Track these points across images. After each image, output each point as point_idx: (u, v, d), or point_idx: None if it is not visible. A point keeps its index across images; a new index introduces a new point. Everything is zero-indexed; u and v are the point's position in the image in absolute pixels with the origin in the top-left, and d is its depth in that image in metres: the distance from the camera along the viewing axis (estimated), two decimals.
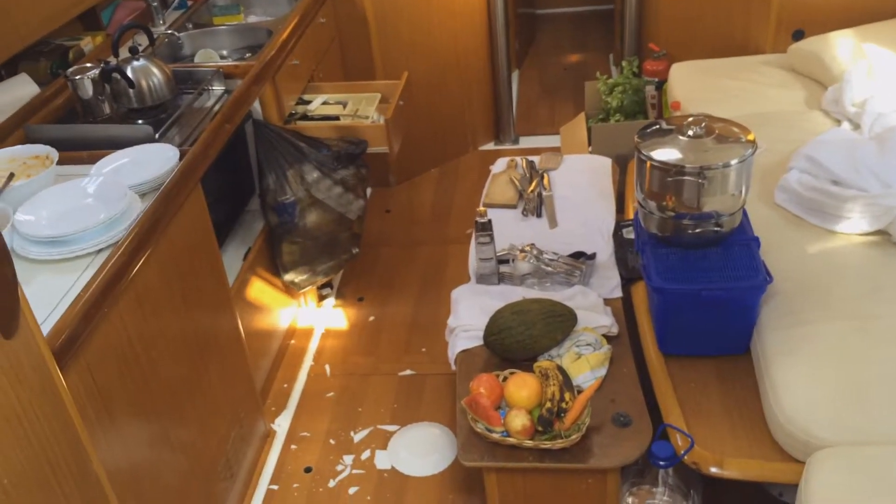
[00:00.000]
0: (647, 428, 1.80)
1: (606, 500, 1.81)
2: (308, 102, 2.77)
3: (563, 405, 1.76)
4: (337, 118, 2.67)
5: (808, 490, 1.52)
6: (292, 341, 2.74)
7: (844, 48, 2.71)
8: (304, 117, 2.69)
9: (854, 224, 2.02)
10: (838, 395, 1.66)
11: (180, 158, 1.88)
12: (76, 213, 1.66)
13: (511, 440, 1.76)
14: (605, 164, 2.73)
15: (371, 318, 2.83)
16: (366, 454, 2.30)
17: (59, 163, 1.84)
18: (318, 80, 2.90)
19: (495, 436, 1.77)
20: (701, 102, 2.71)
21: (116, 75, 2.10)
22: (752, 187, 1.96)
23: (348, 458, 2.30)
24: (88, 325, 1.44)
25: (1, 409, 1.14)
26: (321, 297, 2.92)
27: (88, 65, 2.13)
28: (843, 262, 1.98)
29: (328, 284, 2.96)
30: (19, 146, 1.92)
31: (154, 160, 1.87)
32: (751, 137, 1.86)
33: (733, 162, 1.79)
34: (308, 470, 2.28)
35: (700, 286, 1.82)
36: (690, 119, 1.88)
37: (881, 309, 1.82)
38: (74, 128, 2.03)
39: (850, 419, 1.62)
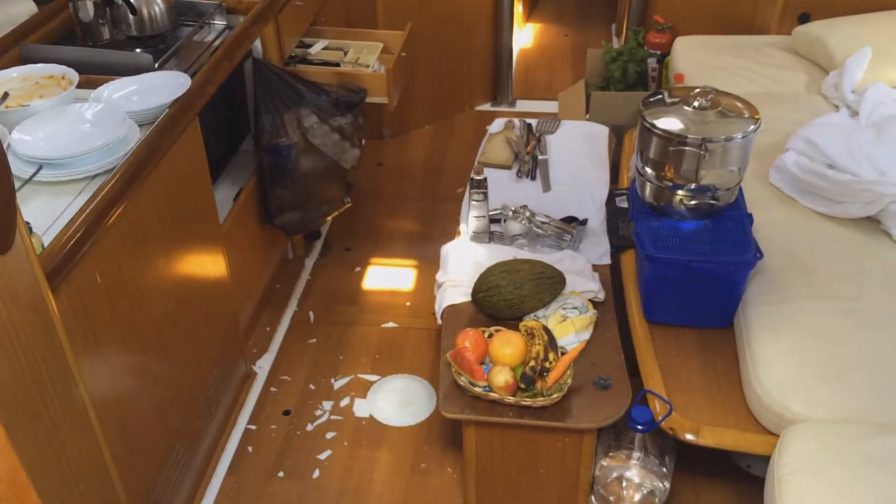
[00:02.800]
0: (627, 392, 1.82)
1: (581, 461, 1.84)
2: (309, 46, 2.73)
3: (547, 364, 1.78)
4: (337, 64, 2.64)
5: (780, 462, 1.56)
6: (278, 285, 2.74)
7: (848, 34, 2.71)
8: (304, 61, 2.65)
9: (845, 208, 2.04)
10: (816, 372, 1.70)
11: None
12: (74, 137, 1.63)
13: (493, 395, 1.78)
14: (602, 132, 2.72)
15: (357, 269, 2.83)
16: (345, 401, 2.32)
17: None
18: (320, 24, 2.86)
19: (478, 390, 1.79)
20: (703, 77, 2.70)
21: (119, 0, 2.06)
22: (748, 165, 1.98)
23: (327, 405, 2.31)
24: (80, 249, 1.43)
25: None
26: (308, 244, 2.91)
27: None
28: (831, 245, 2.01)
29: (316, 232, 2.95)
30: (35, 65, 1.88)
31: (161, 88, 1.84)
32: (755, 115, 1.86)
33: (736, 136, 1.80)
34: (287, 413, 2.29)
35: (691, 257, 1.85)
36: (697, 90, 1.88)
37: (864, 292, 1.86)
38: (73, 50, 1.99)
39: (826, 396, 1.66)
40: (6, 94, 1.73)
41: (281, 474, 2.12)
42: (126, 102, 1.82)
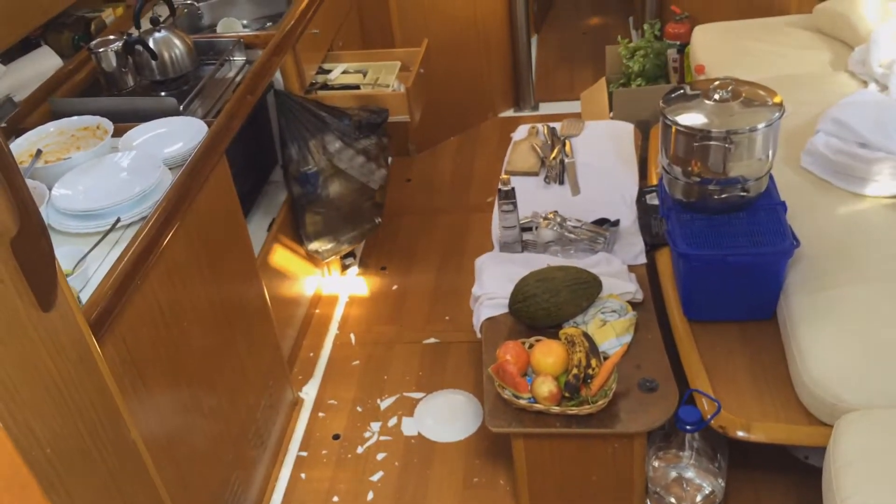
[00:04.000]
0: (674, 393, 1.81)
1: (633, 465, 1.83)
2: (328, 72, 2.76)
3: (590, 371, 1.78)
4: (357, 87, 2.66)
5: (836, 452, 1.53)
6: (317, 310, 2.76)
7: (871, 7, 2.66)
8: (325, 87, 2.68)
9: (882, 186, 2.00)
10: (865, 358, 1.67)
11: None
12: (112, 187, 1.68)
13: (538, 406, 1.77)
14: (627, 129, 2.71)
15: (394, 287, 2.85)
16: (392, 421, 2.33)
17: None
18: (337, 49, 2.89)
19: (522, 402, 1.79)
20: (725, 65, 2.67)
21: (139, 47, 2.11)
22: (778, 151, 1.95)
23: (375, 426, 2.33)
24: (122, 297, 1.47)
25: (41, 380, 1.17)
26: (344, 267, 2.94)
27: (111, 37, 2.14)
28: (870, 226, 1.97)
29: (351, 254, 2.98)
30: (70, 118, 1.94)
31: (181, 133, 1.88)
32: (778, 100, 1.84)
33: (760, 126, 1.77)
34: (336, 437, 2.31)
35: (726, 251, 1.82)
36: (717, 82, 1.86)
37: None
38: (100, 101, 2.04)
39: (878, 382, 1.63)
40: (39, 152, 1.78)
41: (336, 499, 2.14)
42: (157, 148, 1.86)
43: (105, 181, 1.71)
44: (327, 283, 2.87)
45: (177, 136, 1.88)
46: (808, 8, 2.99)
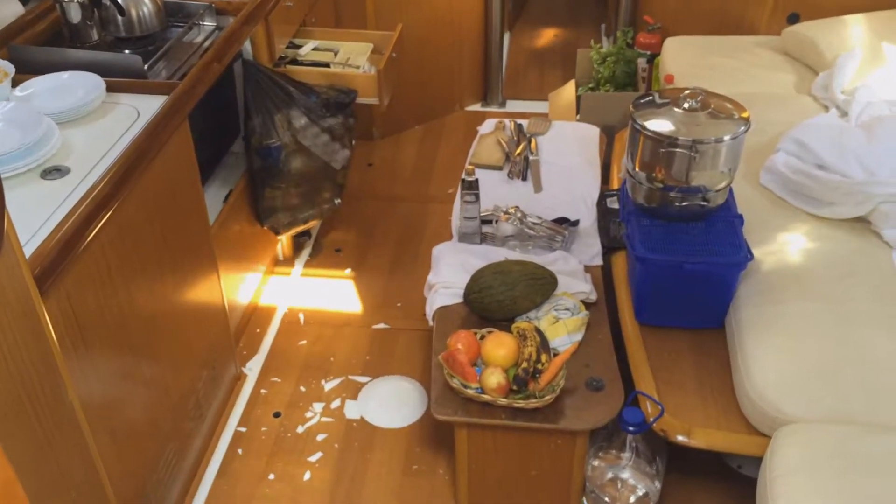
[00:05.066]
0: (619, 394, 1.82)
1: (574, 462, 1.85)
2: (299, 47, 2.72)
3: (539, 366, 1.78)
4: (327, 65, 2.63)
5: (773, 463, 1.57)
6: (268, 287, 2.72)
7: (839, 35, 2.72)
8: (294, 62, 2.64)
9: (836, 209, 2.05)
10: (808, 374, 1.71)
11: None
12: None
13: (485, 397, 1.77)
14: (593, 132, 2.73)
15: (347, 270, 2.82)
16: (336, 403, 2.31)
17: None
18: (310, 25, 2.85)
19: (470, 392, 1.79)
20: (693, 78, 2.71)
21: (107, 1, 2.04)
22: (738, 166, 1.98)
23: (318, 406, 2.30)
24: (70, 252, 1.42)
25: None
26: (299, 246, 2.90)
27: None
28: (821, 246, 2.01)
29: (307, 233, 2.94)
30: None
31: (75, 89, 1.81)
32: (745, 115, 1.87)
33: (726, 138, 1.80)
34: (277, 415, 2.28)
35: (682, 258, 1.85)
36: (687, 92, 1.88)
37: (855, 293, 1.86)
38: (62, 51, 1.97)
39: (818, 397, 1.67)
40: None
41: (271, 477, 2.11)
42: (48, 102, 1.78)
43: None
44: (280, 260, 2.83)
45: (72, 91, 1.80)
46: (776, 30, 3.05)
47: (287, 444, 2.20)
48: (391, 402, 2.31)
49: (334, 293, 2.72)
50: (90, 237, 1.48)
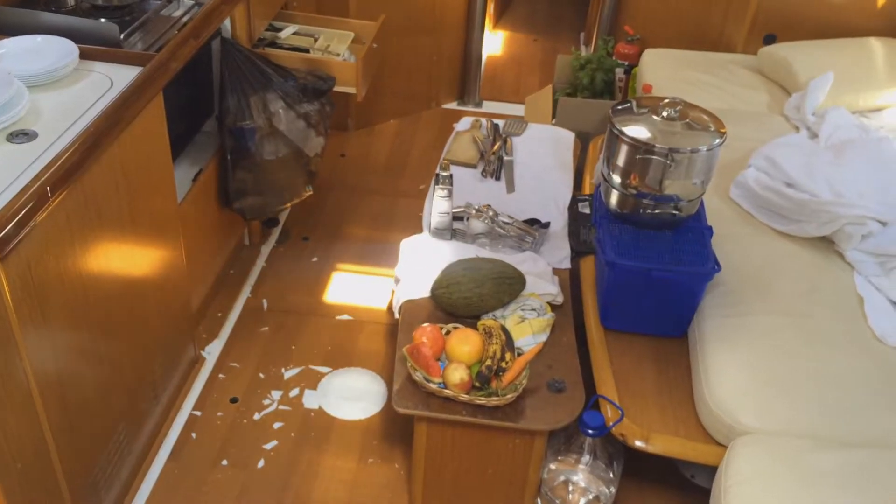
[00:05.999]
0: (580, 397, 1.83)
1: (531, 463, 1.85)
2: (279, 30, 2.69)
3: (503, 364, 1.78)
4: (307, 51, 2.60)
5: (728, 472, 1.58)
6: (232, 271, 2.69)
7: (813, 58, 2.77)
8: (273, 44, 2.61)
9: (802, 227, 2.08)
10: (766, 385, 1.73)
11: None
12: None
13: (447, 392, 1.77)
14: (568, 137, 2.73)
15: (314, 259, 2.79)
16: (294, 392, 2.29)
17: None
18: (291, 9, 2.82)
19: (432, 386, 1.78)
20: (669, 90, 2.73)
21: None
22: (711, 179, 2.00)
23: (276, 394, 2.28)
24: (32, 217, 1.38)
25: None
26: (266, 232, 2.87)
27: None
28: (785, 262, 2.05)
29: (275, 219, 2.91)
30: None
31: (48, 53, 1.76)
32: (722, 129, 1.89)
33: (702, 148, 1.82)
34: (234, 400, 2.25)
35: (651, 265, 1.86)
36: (666, 101, 1.90)
37: (815, 309, 1.90)
38: (36, 14, 1.91)
39: (775, 409, 1.69)
40: None
41: (225, 462, 2.08)
42: (18, 64, 1.72)
43: None
44: (246, 244, 2.79)
45: (44, 55, 1.75)
46: (753, 50, 3.09)
47: (242, 431, 2.17)
48: (350, 395, 2.29)
49: (299, 281, 2.69)
50: (54, 204, 1.44)
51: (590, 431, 1.77)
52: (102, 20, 2.05)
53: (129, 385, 1.89)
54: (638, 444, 1.75)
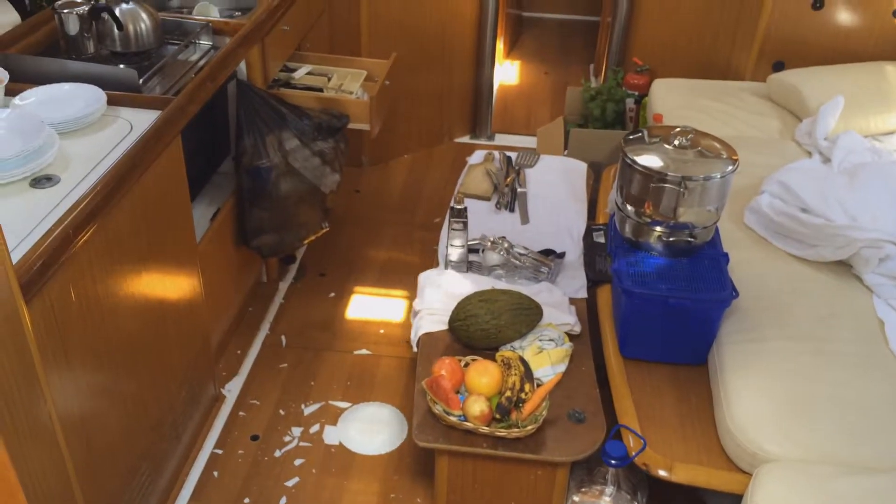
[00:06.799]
0: (601, 427, 1.82)
1: (554, 494, 1.84)
2: (293, 70, 2.74)
3: (523, 395, 1.78)
4: (321, 90, 2.65)
5: (752, 501, 1.57)
6: (250, 308, 2.71)
7: (822, 84, 2.78)
8: (287, 85, 2.66)
9: (818, 251, 2.08)
10: (788, 412, 1.71)
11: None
12: None
13: (468, 425, 1.77)
14: (580, 167, 2.75)
15: (331, 295, 2.81)
16: (314, 428, 2.29)
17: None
18: (304, 50, 2.87)
19: (452, 419, 1.78)
20: (680, 119, 2.75)
21: (106, 15, 2.05)
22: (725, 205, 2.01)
23: (296, 430, 2.28)
24: (57, 261, 1.41)
25: None
26: (283, 268, 2.89)
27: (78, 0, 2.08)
28: (803, 287, 2.04)
29: (292, 256, 2.94)
30: None
31: (77, 100, 1.81)
32: (734, 156, 1.90)
33: (715, 176, 1.83)
34: (255, 438, 2.25)
35: (668, 293, 1.86)
36: (678, 130, 1.91)
37: (835, 334, 1.89)
38: (57, 62, 1.97)
39: (798, 435, 1.67)
40: None
41: (247, 501, 2.08)
42: (49, 111, 1.77)
43: None
44: (264, 281, 2.82)
45: (72, 102, 1.80)
46: (762, 77, 3.11)
47: (264, 468, 2.17)
48: (370, 429, 2.29)
49: (317, 317, 2.71)
50: (77, 247, 1.46)
51: (612, 462, 1.76)
52: (121, 66, 2.10)
53: (152, 424, 1.91)
54: (661, 473, 1.74)
